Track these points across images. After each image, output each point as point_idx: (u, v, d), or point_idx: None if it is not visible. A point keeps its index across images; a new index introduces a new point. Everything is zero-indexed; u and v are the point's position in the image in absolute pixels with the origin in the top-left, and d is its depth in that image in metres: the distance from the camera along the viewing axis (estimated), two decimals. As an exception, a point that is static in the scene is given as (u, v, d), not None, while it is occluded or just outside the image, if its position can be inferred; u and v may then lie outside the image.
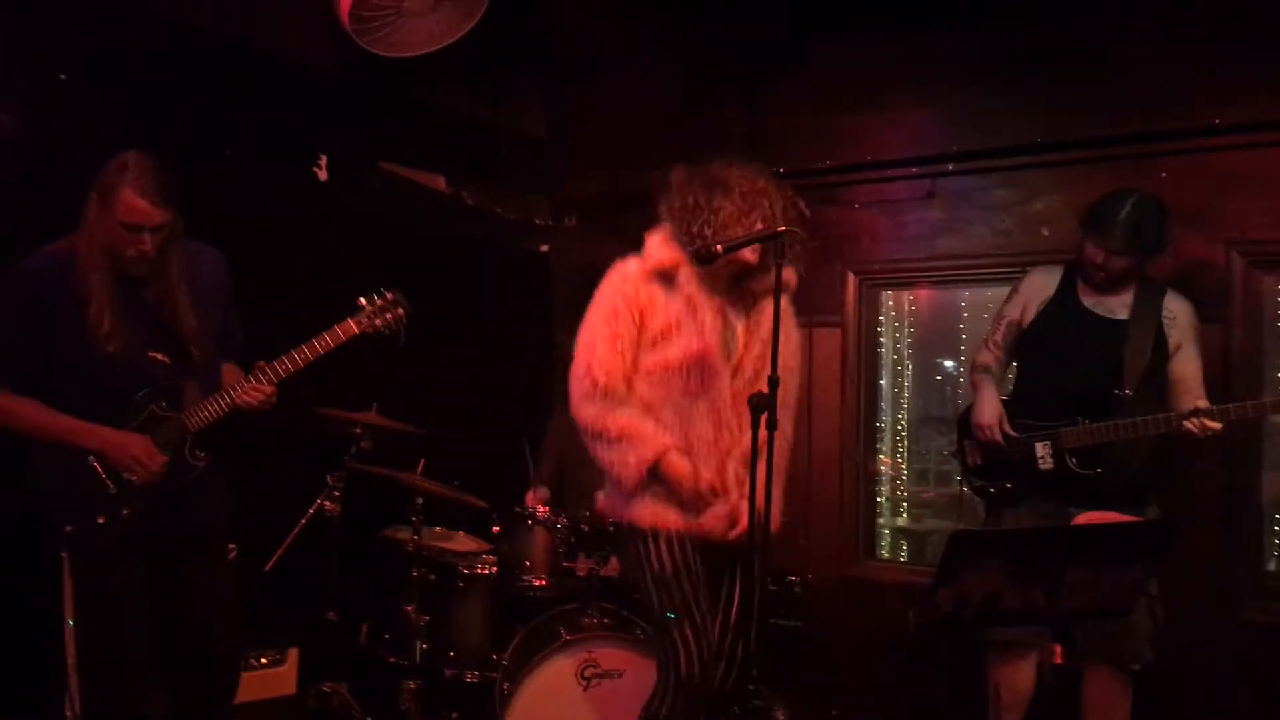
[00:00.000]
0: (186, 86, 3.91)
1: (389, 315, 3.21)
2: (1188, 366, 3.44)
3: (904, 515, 6.03)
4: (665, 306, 2.95)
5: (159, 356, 2.97)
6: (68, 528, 2.88)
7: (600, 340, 2.95)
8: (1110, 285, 3.52)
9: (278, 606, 3.83)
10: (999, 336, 3.81)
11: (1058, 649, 3.49)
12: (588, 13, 4.98)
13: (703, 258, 2.77)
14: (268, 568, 3.85)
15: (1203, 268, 4.14)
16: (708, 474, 2.91)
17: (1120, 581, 2.55)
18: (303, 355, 3.08)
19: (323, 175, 4.49)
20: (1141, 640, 3.36)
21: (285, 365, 3.07)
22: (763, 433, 2.63)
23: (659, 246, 3.02)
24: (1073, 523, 2.83)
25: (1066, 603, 2.51)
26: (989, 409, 3.65)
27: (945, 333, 6.26)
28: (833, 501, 4.93)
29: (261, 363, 3.08)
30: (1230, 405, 3.28)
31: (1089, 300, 3.58)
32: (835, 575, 4.87)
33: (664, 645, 2.93)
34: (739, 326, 3.00)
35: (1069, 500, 3.39)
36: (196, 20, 3.97)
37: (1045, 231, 4.51)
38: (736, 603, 2.99)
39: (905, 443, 6.00)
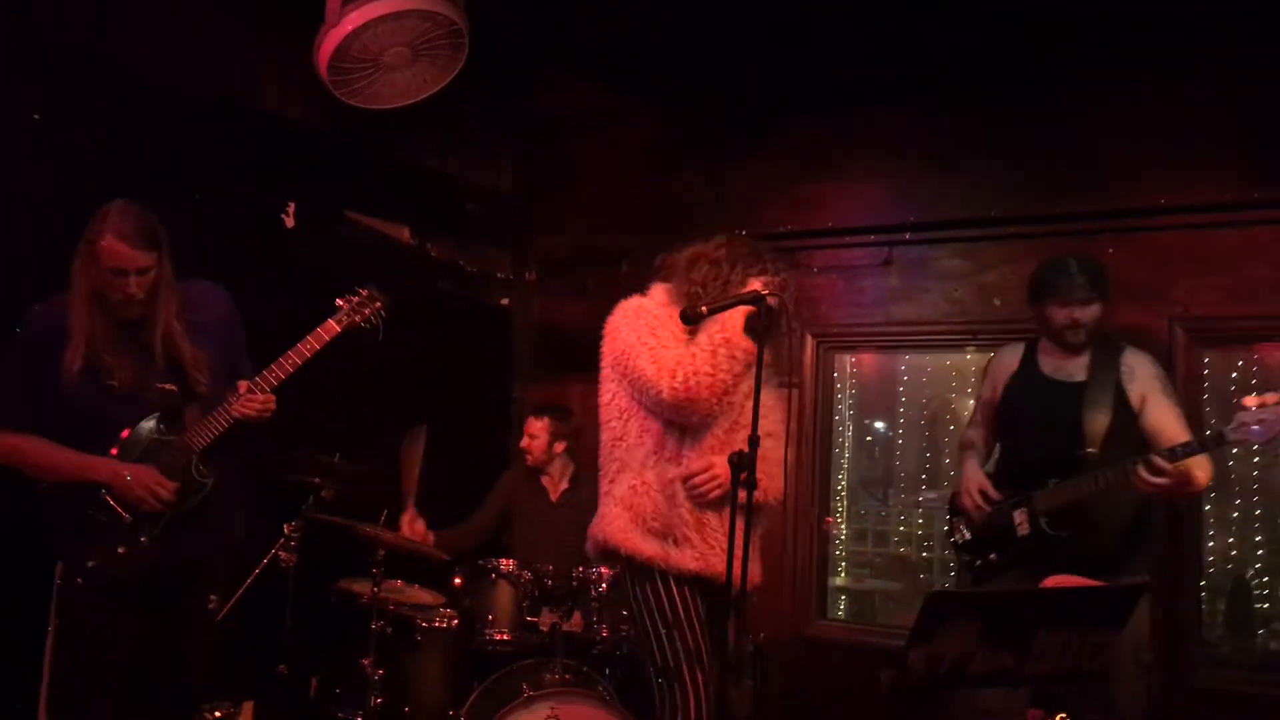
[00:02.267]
0: (160, 134, 3.90)
1: (367, 310, 3.27)
2: (1162, 416, 3.45)
3: (842, 574, 6.12)
4: None
5: (168, 387, 3.01)
6: (90, 563, 2.90)
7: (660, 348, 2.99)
8: (1084, 342, 3.60)
9: (233, 658, 3.75)
10: (978, 416, 3.94)
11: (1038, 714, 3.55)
12: (561, 76, 5.08)
13: (689, 318, 2.83)
14: (219, 618, 3.77)
15: (1146, 342, 4.31)
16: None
17: (1086, 645, 2.62)
18: (291, 361, 3.11)
19: (290, 222, 4.49)
20: (1134, 709, 3.36)
21: (276, 373, 3.09)
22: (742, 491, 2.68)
23: (664, 294, 3.12)
24: (1041, 585, 2.89)
25: (1035, 666, 2.56)
26: (970, 479, 3.74)
27: (884, 395, 6.41)
28: (786, 561, 4.97)
29: (244, 384, 3.09)
30: (1176, 445, 3.23)
31: (1048, 369, 3.68)
32: (789, 634, 4.90)
33: (669, 693, 2.93)
34: None
35: (1051, 568, 3.44)
36: (172, 68, 3.97)
37: (997, 301, 4.67)
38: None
39: (844, 502, 6.10)
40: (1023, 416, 3.70)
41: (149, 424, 2.99)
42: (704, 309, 2.80)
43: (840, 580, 6.04)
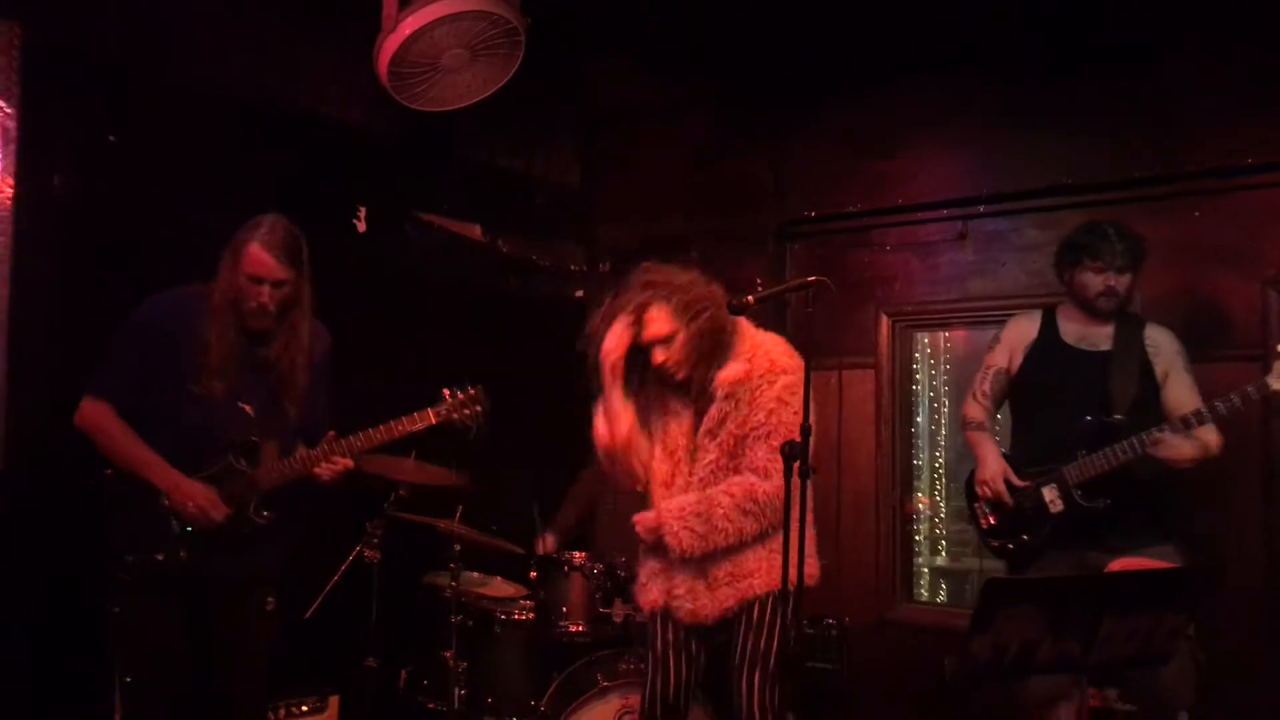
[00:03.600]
0: (229, 146, 4.02)
1: (467, 410, 3.29)
2: (1182, 393, 3.43)
3: (942, 554, 6.00)
4: None
5: (246, 408, 3.09)
6: (128, 557, 2.99)
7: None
8: (1114, 310, 3.55)
9: (318, 654, 3.88)
10: (986, 386, 3.82)
11: (1104, 694, 3.47)
12: (619, 66, 5.07)
13: (735, 309, 2.83)
14: (308, 615, 3.91)
15: (1240, 306, 4.14)
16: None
17: (1157, 630, 2.53)
18: (380, 435, 3.18)
19: (361, 227, 4.60)
20: (1184, 686, 3.29)
21: (362, 442, 3.16)
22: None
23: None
24: (1107, 569, 2.81)
25: (1103, 653, 2.49)
26: (991, 464, 3.65)
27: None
28: (869, 543, 4.92)
29: (332, 435, 3.16)
30: (1215, 401, 3.22)
31: (1071, 338, 3.61)
32: (873, 617, 4.85)
33: None
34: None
35: (1089, 543, 3.38)
36: (237, 80, 4.09)
37: (1077, 271, 4.51)
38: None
39: (943, 481, 5.98)
40: (1045, 386, 3.63)
41: (228, 450, 3.07)
42: (750, 299, 2.79)
43: (940, 560, 5.93)
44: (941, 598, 5.53)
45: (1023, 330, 3.76)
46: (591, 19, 4.62)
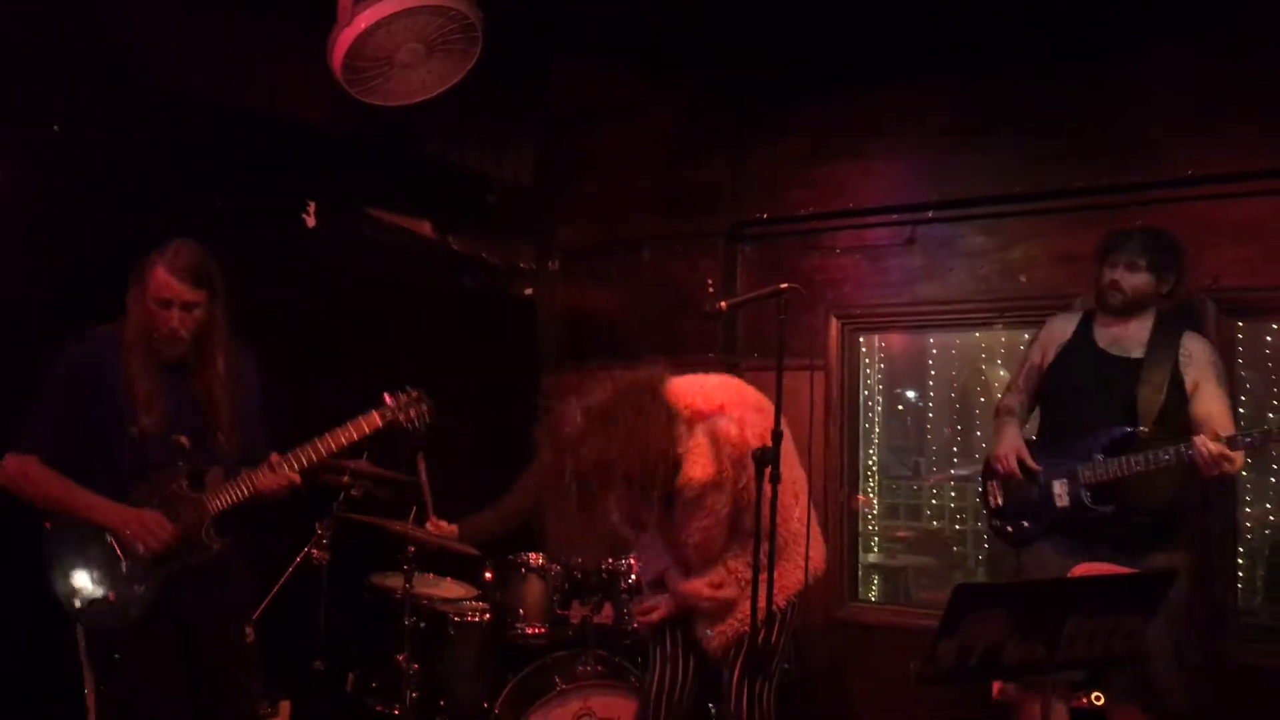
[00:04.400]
0: (178, 138, 3.92)
1: (412, 411, 3.28)
2: (1211, 405, 3.43)
3: (875, 551, 6.10)
4: None
5: (181, 440, 3.01)
6: (76, 603, 2.90)
7: None
8: (1129, 309, 3.59)
9: (268, 656, 3.79)
10: (1021, 380, 3.89)
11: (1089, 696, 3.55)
12: (579, 66, 5.05)
13: (709, 315, 2.84)
14: (255, 616, 3.82)
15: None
16: None
17: (1117, 631, 2.60)
18: (325, 445, 3.13)
19: (311, 222, 4.51)
20: (1174, 687, 3.35)
21: (308, 455, 3.11)
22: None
23: None
24: (1070, 574, 2.88)
25: (1066, 654, 2.56)
26: (1007, 442, 3.73)
27: (913, 370, 6.36)
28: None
29: (276, 456, 3.10)
30: (1241, 434, 3.24)
31: (1104, 341, 3.65)
32: (820, 616, 4.91)
33: None
34: None
35: (1087, 542, 3.45)
36: (190, 72, 3.99)
37: (1023, 278, 4.62)
38: None
39: (876, 479, 6.08)
40: (1072, 387, 3.67)
41: (172, 476, 2.99)
42: (723, 305, 2.80)
43: (874, 558, 6.02)
44: (873, 594, 5.61)
45: (1059, 329, 3.82)
46: (552, 18, 4.59)
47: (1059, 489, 3.52)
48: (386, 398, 3.27)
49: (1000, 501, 3.75)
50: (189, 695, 2.99)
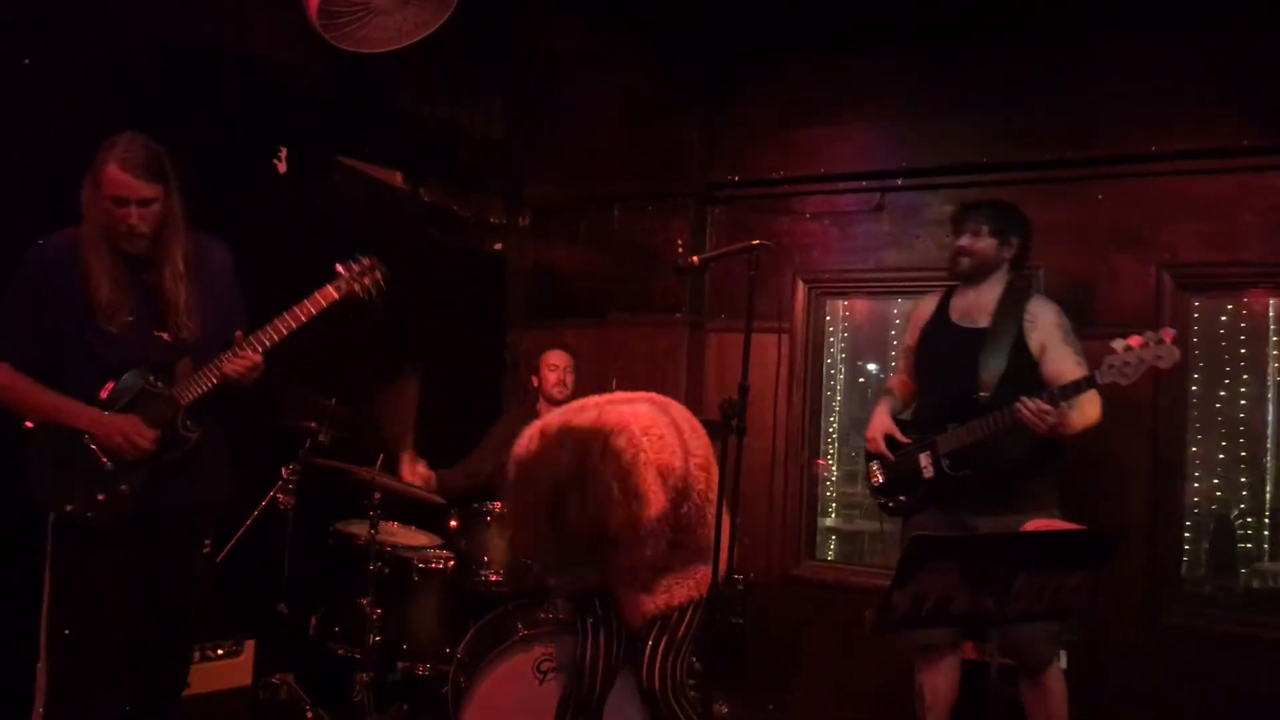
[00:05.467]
0: (150, 78, 3.88)
1: (367, 280, 3.27)
2: (1060, 365, 3.55)
3: (833, 515, 6.20)
4: None
5: (163, 335, 3.00)
6: (68, 507, 2.89)
7: None
8: (975, 274, 3.76)
9: (234, 598, 3.83)
10: (902, 362, 4.13)
11: (981, 648, 3.72)
12: (553, 20, 5.03)
13: (680, 269, 2.88)
14: (219, 559, 3.85)
15: (1134, 287, 4.37)
16: None
17: (1064, 586, 2.70)
18: (285, 324, 3.11)
19: (282, 168, 4.49)
20: (1043, 640, 3.53)
21: (270, 335, 3.09)
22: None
23: None
24: (1021, 529, 2.97)
25: (1014, 608, 2.65)
26: (875, 423, 3.95)
27: (876, 338, 6.44)
28: (775, 503, 5.06)
29: (240, 334, 3.08)
30: (1055, 388, 3.38)
31: (956, 315, 3.82)
32: (778, 575, 5.01)
33: None
34: None
35: (958, 508, 3.61)
36: (160, 12, 3.94)
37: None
38: None
39: (836, 445, 6.17)
40: (931, 361, 3.87)
41: (139, 374, 2.98)
42: (695, 260, 2.85)
43: (831, 521, 6.13)
44: (830, 555, 5.72)
45: (923, 309, 4.00)
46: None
47: (924, 461, 3.69)
48: (339, 268, 3.25)
49: (881, 479, 3.92)
50: (140, 604, 3.00)
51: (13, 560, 3.17)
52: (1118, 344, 3.29)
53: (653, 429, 2.87)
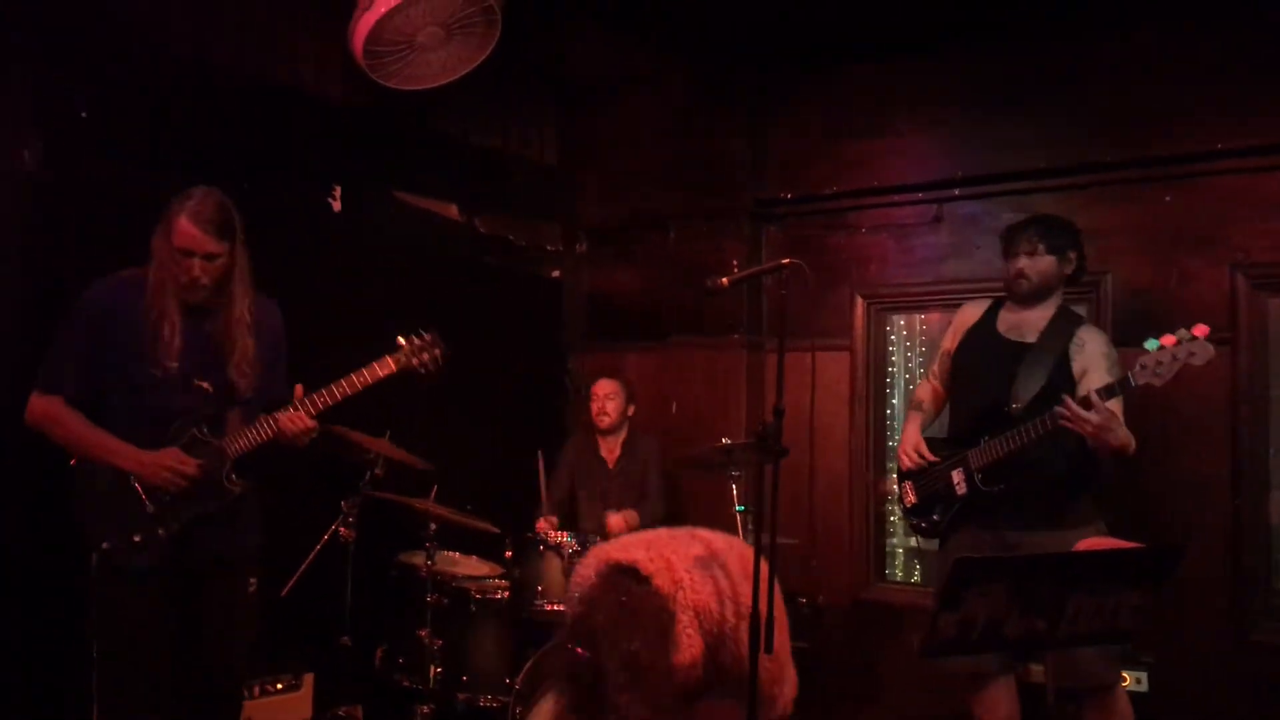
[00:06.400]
0: (204, 120, 3.99)
1: (426, 355, 3.27)
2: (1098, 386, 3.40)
3: (898, 535, 6.06)
4: None
5: (204, 385, 3.05)
6: (104, 545, 2.94)
7: None
8: (1037, 295, 3.58)
9: (293, 632, 3.88)
10: (936, 366, 3.91)
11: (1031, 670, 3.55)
12: (598, 44, 5.05)
13: (710, 290, 2.84)
14: (284, 593, 3.91)
15: (1208, 289, 4.19)
16: None
17: (1121, 607, 2.58)
18: (341, 389, 3.14)
19: (336, 206, 4.57)
20: (1103, 662, 3.34)
21: (324, 398, 3.12)
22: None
23: None
24: (1074, 549, 2.84)
25: (1068, 629, 2.53)
26: (906, 437, 3.79)
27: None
28: (843, 523, 4.96)
29: (300, 389, 3.13)
30: (1089, 393, 3.19)
31: (1004, 326, 3.66)
32: (847, 597, 4.91)
33: None
34: None
35: (998, 525, 3.45)
36: (213, 55, 4.05)
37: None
38: None
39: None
40: (969, 370, 3.70)
41: (190, 422, 3.03)
42: (724, 281, 2.81)
43: (916, 541, 5.99)
44: (916, 578, 5.59)
45: (968, 314, 3.83)
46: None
47: (957, 477, 3.54)
48: (400, 341, 3.27)
49: (915, 498, 3.76)
50: (181, 645, 3.02)
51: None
52: (1149, 344, 3.12)
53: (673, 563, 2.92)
